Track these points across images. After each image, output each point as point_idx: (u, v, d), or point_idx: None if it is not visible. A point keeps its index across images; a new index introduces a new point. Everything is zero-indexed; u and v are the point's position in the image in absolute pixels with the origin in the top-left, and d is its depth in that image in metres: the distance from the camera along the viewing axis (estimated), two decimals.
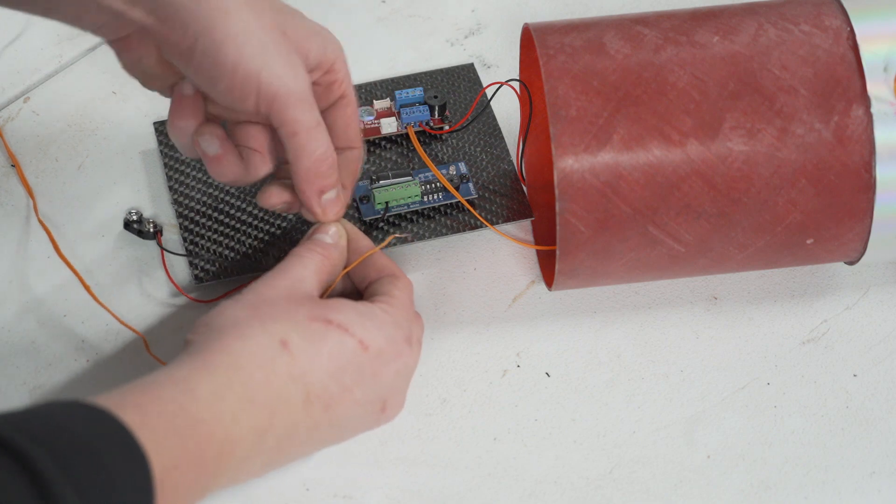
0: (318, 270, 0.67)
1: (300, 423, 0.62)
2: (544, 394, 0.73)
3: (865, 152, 0.68)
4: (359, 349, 0.64)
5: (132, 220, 0.77)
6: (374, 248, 0.70)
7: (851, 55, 0.69)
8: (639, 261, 0.70)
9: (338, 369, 0.63)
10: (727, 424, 0.72)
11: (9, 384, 0.72)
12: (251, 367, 0.61)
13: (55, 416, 0.54)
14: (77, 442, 0.53)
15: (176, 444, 0.57)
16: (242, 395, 0.60)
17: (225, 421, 0.59)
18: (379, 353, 0.65)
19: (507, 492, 0.70)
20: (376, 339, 0.65)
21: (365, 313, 0.65)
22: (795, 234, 0.70)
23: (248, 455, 0.61)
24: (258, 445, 0.61)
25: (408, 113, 0.80)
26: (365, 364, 0.64)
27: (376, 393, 0.65)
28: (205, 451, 0.58)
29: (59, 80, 0.85)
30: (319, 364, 0.63)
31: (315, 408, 0.63)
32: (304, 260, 0.67)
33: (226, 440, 0.59)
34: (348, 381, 0.64)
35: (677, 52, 0.70)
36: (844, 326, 0.76)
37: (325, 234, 0.69)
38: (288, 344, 0.62)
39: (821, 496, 0.70)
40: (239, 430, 0.60)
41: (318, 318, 0.64)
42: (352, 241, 0.70)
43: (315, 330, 0.63)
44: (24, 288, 0.76)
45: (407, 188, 0.76)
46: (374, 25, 0.89)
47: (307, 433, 0.63)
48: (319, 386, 0.63)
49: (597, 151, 0.68)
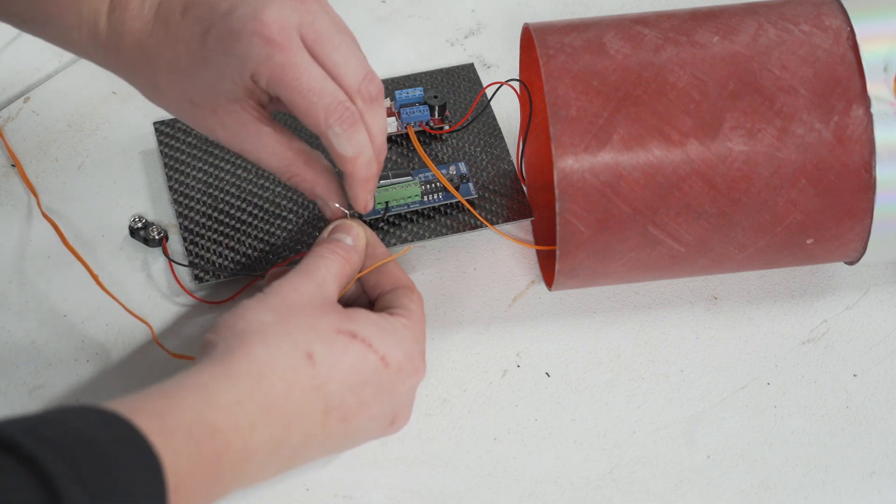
0: (338, 273, 0.67)
1: (316, 434, 0.62)
2: (544, 394, 0.73)
3: (865, 152, 0.68)
4: (380, 365, 0.64)
5: (137, 227, 0.77)
6: (390, 257, 0.70)
7: (851, 55, 0.69)
8: (639, 261, 0.70)
9: (358, 384, 0.63)
10: (727, 424, 0.72)
11: (9, 384, 0.72)
12: (274, 377, 0.61)
13: (68, 420, 0.54)
14: (89, 446, 0.53)
15: (192, 451, 0.57)
16: (263, 405, 0.60)
17: (243, 430, 0.59)
18: (399, 369, 0.65)
19: (507, 492, 0.70)
20: (396, 356, 0.65)
21: (387, 328, 0.65)
22: (795, 234, 0.70)
23: (264, 464, 0.61)
24: (274, 455, 0.61)
25: (408, 113, 0.80)
26: (384, 380, 0.64)
27: (391, 407, 0.65)
28: (221, 459, 0.58)
29: (59, 80, 0.85)
30: (340, 377, 0.63)
31: (332, 420, 0.63)
32: (327, 262, 0.67)
33: (243, 449, 0.59)
34: (367, 396, 0.64)
35: (677, 52, 0.70)
36: (844, 326, 0.76)
37: (347, 236, 0.69)
38: (312, 356, 0.62)
39: (821, 496, 0.70)
40: (257, 439, 0.60)
41: (344, 330, 0.64)
42: (368, 246, 0.70)
43: (339, 342, 0.63)
44: (25, 288, 0.76)
45: (407, 188, 0.76)
46: (374, 25, 0.89)
47: (321, 443, 0.63)
48: (338, 399, 0.63)
49: (597, 151, 0.68)
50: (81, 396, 0.72)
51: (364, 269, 0.69)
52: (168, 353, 0.72)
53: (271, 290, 0.65)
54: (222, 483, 0.59)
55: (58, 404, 0.71)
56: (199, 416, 0.58)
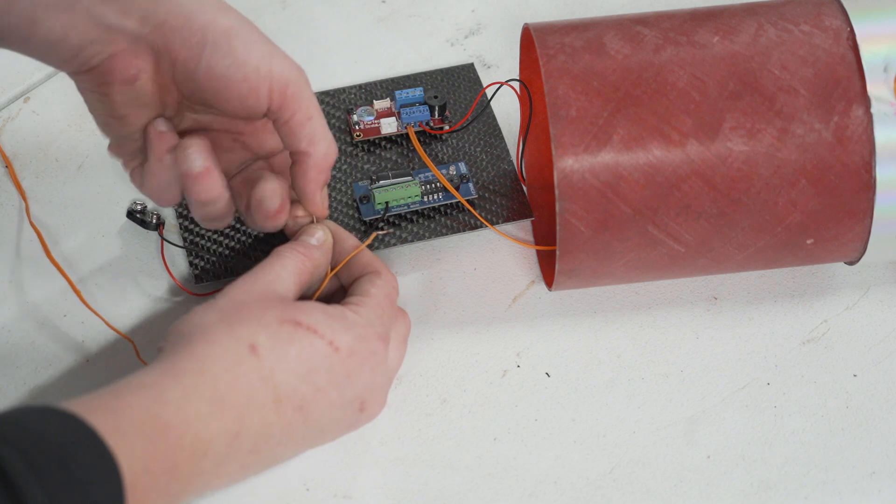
0: (296, 270, 0.67)
1: (273, 425, 0.63)
2: (544, 394, 0.73)
3: (865, 152, 0.68)
4: (329, 350, 0.64)
5: (136, 209, 0.77)
6: (359, 247, 0.70)
7: (851, 55, 0.69)
8: (639, 261, 0.70)
9: (308, 371, 0.63)
10: (727, 424, 0.72)
11: (9, 384, 0.72)
12: (217, 370, 0.61)
13: (27, 420, 0.55)
14: (48, 446, 0.54)
15: (146, 447, 0.57)
16: (211, 399, 0.61)
17: (194, 424, 0.60)
18: (350, 353, 0.65)
19: (507, 492, 0.70)
20: (345, 340, 0.65)
21: (333, 314, 0.65)
22: (795, 234, 0.70)
23: (223, 458, 0.61)
24: (231, 448, 0.61)
25: (408, 113, 0.80)
26: (336, 365, 0.64)
27: (353, 393, 0.65)
28: (176, 455, 0.59)
29: (59, 80, 0.85)
30: (288, 366, 0.63)
31: (286, 409, 0.63)
32: (283, 259, 0.67)
33: (196, 443, 0.60)
34: (321, 383, 0.64)
35: (677, 52, 0.70)
36: (844, 326, 0.76)
37: (311, 237, 0.69)
38: (256, 347, 0.62)
39: (821, 496, 0.70)
40: (209, 432, 0.60)
41: (287, 320, 0.64)
42: (338, 242, 0.70)
43: (284, 332, 0.63)
44: (25, 288, 0.76)
45: (407, 188, 0.76)
46: (374, 25, 0.89)
47: (282, 434, 0.63)
48: (289, 387, 0.63)
49: (597, 152, 0.68)
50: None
51: (336, 266, 0.69)
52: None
53: (221, 293, 0.65)
54: (181, 478, 0.59)
55: (18, 405, 0.71)
56: (149, 413, 0.59)
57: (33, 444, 0.53)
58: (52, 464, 0.53)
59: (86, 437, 0.55)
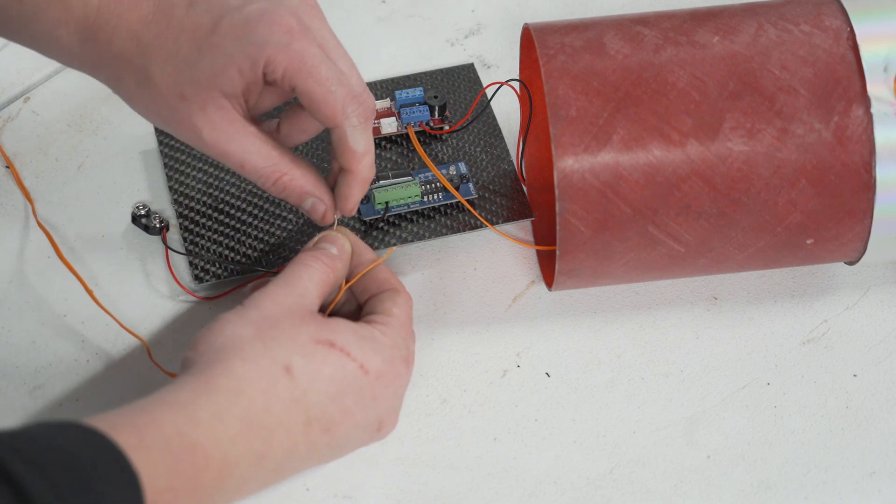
0: (321, 282, 0.67)
1: (299, 445, 0.63)
2: (544, 394, 0.73)
3: (865, 152, 0.68)
4: (360, 373, 0.64)
5: (140, 213, 0.77)
6: (376, 261, 0.70)
7: (851, 55, 0.69)
8: (639, 261, 0.70)
9: (338, 392, 0.63)
10: (727, 424, 0.72)
11: (9, 384, 0.72)
12: (253, 391, 0.61)
13: (48, 436, 0.54)
14: (68, 463, 0.53)
15: (171, 466, 0.57)
16: (242, 420, 0.60)
17: (223, 445, 0.59)
18: (379, 375, 0.65)
19: (507, 492, 0.70)
20: (375, 363, 0.65)
21: (364, 336, 0.65)
22: (795, 234, 0.70)
23: (246, 478, 0.61)
24: (256, 469, 0.61)
25: (408, 113, 0.80)
26: (365, 387, 0.64)
27: (375, 414, 0.65)
28: (201, 475, 0.58)
29: (59, 80, 0.85)
30: (320, 387, 0.63)
31: (314, 430, 0.63)
32: (309, 270, 0.67)
33: (223, 463, 0.59)
34: (349, 404, 0.64)
35: (677, 52, 0.70)
36: (844, 326, 0.76)
37: (332, 245, 0.69)
38: (291, 368, 0.62)
39: (821, 496, 0.70)
40: (237, 453, 0.60)
41: (322, 340, 0.64)
42: (354, 255, 0.70)
43: (318, 353, 0.63)
44: (25, 288, 0.76)
45: (407, 188, 0.76)
46: (374, 25, 0.90)
47: (306, 454, 0.63)
48: (319, 409, 0.63)
49: (597, 152, 0.68)
50: (81, 396, 0.72)
51: (352, 278, 0.69)
52: (163, 371, 0.72)
53: (251, 303, 0.65)
54: (204, 497, 0.59)
55: (39, 420, 0.70)
56: (178, 431, 0.58)
57: (53, 460, 0.53)
58: (71, 480, 0.52)
59: (108, 453, 0.55)
